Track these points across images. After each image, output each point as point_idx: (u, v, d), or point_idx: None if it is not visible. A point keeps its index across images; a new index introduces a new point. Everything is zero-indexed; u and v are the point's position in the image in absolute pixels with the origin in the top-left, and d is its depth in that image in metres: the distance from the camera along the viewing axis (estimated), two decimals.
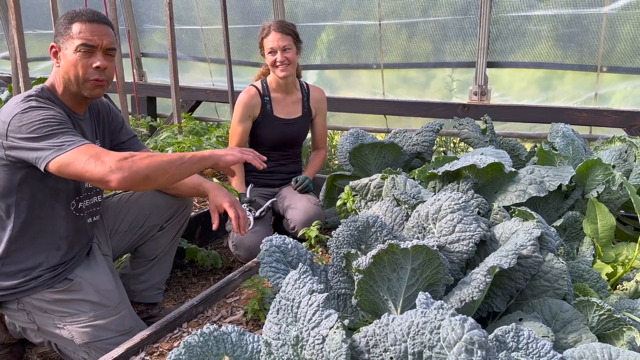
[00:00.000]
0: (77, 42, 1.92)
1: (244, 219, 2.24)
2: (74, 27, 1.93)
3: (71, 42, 1.93)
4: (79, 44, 1.92)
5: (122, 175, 1.70)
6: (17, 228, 1.94)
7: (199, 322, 2.04)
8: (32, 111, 1.80)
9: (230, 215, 2.21)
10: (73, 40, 1.92)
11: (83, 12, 1.96)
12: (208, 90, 5.35)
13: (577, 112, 3.77)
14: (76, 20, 1.93)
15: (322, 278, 1.69)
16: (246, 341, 1.29)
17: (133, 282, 2.42)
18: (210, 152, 1.96)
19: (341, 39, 4.61)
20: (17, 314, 2.03)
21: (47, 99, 1.93)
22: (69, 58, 1.93)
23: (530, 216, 1.68)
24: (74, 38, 1.92)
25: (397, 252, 1.42)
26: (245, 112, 3.00)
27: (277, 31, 2.87)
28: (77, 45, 1.92)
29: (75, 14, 1.96)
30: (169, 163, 1.81)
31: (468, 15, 3.99)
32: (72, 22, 1.93)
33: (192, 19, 5.29)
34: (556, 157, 2.44)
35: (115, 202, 2.39)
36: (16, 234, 1.94)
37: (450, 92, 4.32)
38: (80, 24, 1.93)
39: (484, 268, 1.44)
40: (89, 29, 1.93)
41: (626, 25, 3.52)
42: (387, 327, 1.08)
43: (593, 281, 1.77)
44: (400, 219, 1.89)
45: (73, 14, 1.96)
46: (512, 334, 1.17)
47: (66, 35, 1.93)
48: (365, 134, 3.09)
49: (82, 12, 1.97)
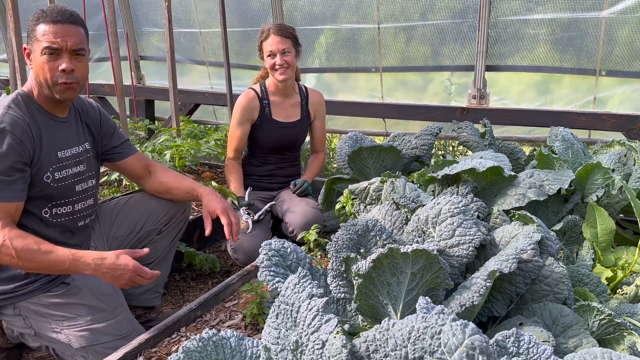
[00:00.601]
0: (42, 44, 1.87)
1: (236, 226, 2.23)
2: (39, 28, 1.87)
3: (38, 45, 1.88)
4: (44, 46, 1.87)
5: None
6: None
7: (197, 326, 2.03)
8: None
9: (222, 221, 2.20)
10: (39, 42, 1.88)
11: (48, 12, 1.89)
12: (206, 93, 5.34)
13: (576, 115, 3.77)
14: (41, 21, 1.88)
15: (322, 282, 1.68)
16: (245, 346, 1.29)
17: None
18: (93, 268, 1.86)
19: (340, 43, 4.61)
20: (13, 319, 2.01)
21: (24, 106, 1.92)
22: (37, 61, 1.90)
23: (530, 220, 1.68)
24: (40, 40, 1.87)
25: (397, 256, 1.41)
26: (243, 115, 3.00)
27: (277, 34, 2.86)
28: (42, 48, 1.87)
29: (41, 13, 1.90)
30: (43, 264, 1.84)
31: (466, 19, 3.99)
32: (37, 22, 1.88)
33: (190, 22, 5.29)
34: (555, 161, 2.44)
35: (112, 206, 2.38)
36: None
37: (449, 96, 4.32)
38: (44, 25, 1.87)
39: (484, 272, 1.44)
40: (52, 31, 1.87)
41: (624, 29, 3.52)
42: (387, 332, 1.07)
43: (593, 285, 1.77)
44: (399, 223, 1.88)
45: (40, 14, 1.90)
46: (512, 339, 1.17)
47: (33, 36, 1.89)
48: (364, 137, 3.09)
49: (47, 11, 1.90)
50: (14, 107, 1.90)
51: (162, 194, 2.39)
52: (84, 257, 1.85)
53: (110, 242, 2.32)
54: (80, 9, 5.06)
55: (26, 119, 1.90)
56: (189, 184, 2.35)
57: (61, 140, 2.03)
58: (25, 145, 1.87)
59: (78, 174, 2.08)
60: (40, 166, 1.94)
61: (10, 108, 1.89)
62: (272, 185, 3.15)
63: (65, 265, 1.84)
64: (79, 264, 1.85)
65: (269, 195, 3.11)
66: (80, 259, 1.85)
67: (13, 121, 1.86)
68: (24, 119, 1.89)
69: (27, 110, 1.93)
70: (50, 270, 1.88)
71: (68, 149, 2.05)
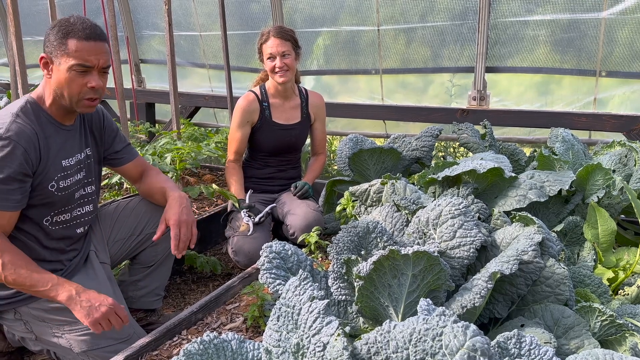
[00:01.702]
0: (72, 61, 1.84)
1: (183, 243, 2.08)
2: (70, 43, 1.84)
3: (66, 59, 1.85)
4: (75, 63, 1.85)
5: None
6: None
7: (198, 329, 2.03)
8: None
9: (171, 233, 2.07)
10: (68, 58, 1.84)
11: (79, 27, 1.86)
12: (207, 96, 5.34)
13: (576, 116, 3.77)
14: (72, 36, 1.84)
15: (323, 284, 1.68)
16: (246, 349, 1.29)
17: (131, 288, 2.40)
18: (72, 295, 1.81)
19: (340, 45, 4.62)
20: (14, 324, 2.02)
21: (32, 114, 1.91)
22: (62, 75, 1.87)
23: (531, 221, 1.68)
24: (70, 56, 1.84)
25: (398, 258, 1.41)
26: (243, 118, 3.00)
27: (277, 37, 2.86)
28: (73, 64, 1.85)
29: (70, 27, 1.85)
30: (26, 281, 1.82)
31: (466, 21, 3.99)
32: (67, 36, 1.84)
33: (190, 25, 5.29)
34: (556, 162, 2.44)
35: (113, 209, 2.38)
36: None
37: (449, 97, 4.32)
38: (76, 42, 1.84)
39: (486, 274, 1.44)
40: (86, 48, 1.85)
41: (624, 29, 3.52)
42: (388, 334, 1.07)
43: (594, 286, 1.77)
44: (400, 225, 1.88)
45: (68, 27, 1.85)
46: (514, 340, 1.16)
47: (60, 50, 1.85)
48: (365, 139, 3.09)
49: (77, 25, 1.86)
50: (21, 115, 1.89)
51: (148, 197, 2.38)
52: (68, 282, 1.84)
53: (111, 245, 2.32)
54: (81, 12, 5.07)
55: (34, 128, 1.89)
56: (164, 188, 2.26)
57: (66, 148, 2.03)
58: (29, 156, 1.85)
59: (78, 181, 2.08)
60: (45, 175, 1.93)
61: (18, 116, 1.87)
62: (273, 188, 3.15)
63: (47, 285, 1.81)
64: (60, 288, 1.82)
65: (270, 198, 3.11)
66: (64, 283, 1.83)
67: (20, 130, 1.84)
68: (31, 128, 1.88)
69: (35, 119, 1.91)
70: (31, 289, 1.84)
71: (72, 157, 2.05)
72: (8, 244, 1.86)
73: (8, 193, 1.84)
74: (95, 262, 2.18)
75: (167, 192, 2.22)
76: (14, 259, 1.82)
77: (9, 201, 1.84)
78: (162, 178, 2.34)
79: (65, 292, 1.81)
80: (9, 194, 1.84)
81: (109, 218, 2.35)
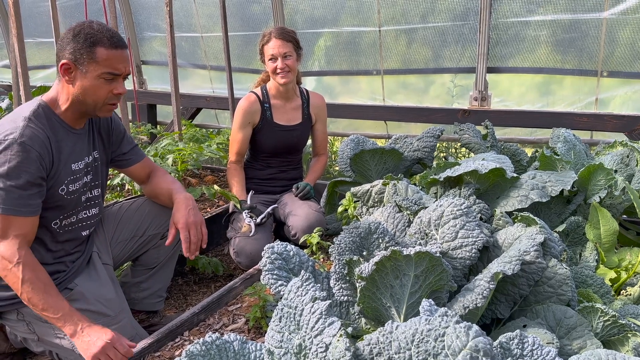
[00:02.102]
0: (102, 69, 1.89)
1: (194, 244, 2.10)
2: (99, 51, 1.88)
3: (94, 67, 1.88)
4: (105, 71, 1.90)
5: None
6: None
7: (200, 330, 2.03)
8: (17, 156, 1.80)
9: (180, 236, 2.09)
10: (97, 65, 1.88)
11: (105, 35, 1.89)
12: (208, 97, 5.35)
13: (578, 116, 3.77)
14: (100, 45, 1.88)
15: (324, 285, 1.68)
16: (249, 350, 1.29)
17: (134, 290, 2.41)
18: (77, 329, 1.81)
19: (341, 46, 4.62)
20: (17, 325, 2.02)
21: (44, 118, 1.91)
22: (89, 82, 1.90)
23: (533, 222, 1.67)
24: (99, 64, 1.88)
25: (399, 259, 1.41)
26: (245, 119, 3.00)
27: (278, 38, 2.87)
28: (102, 72, 1.89)
29: (97, 35, 1.88)
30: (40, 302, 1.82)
31: (467, 21, 4.00)
32: (95, 45, 1.87)
33: (192, 27, 5.30)
34: (558, 162, 2.43)
35: (116, 211, 2.38)
36: None
37: (451, 98, 4.32)
38: (105, 50, 1.88)
39: (488, 274, 1.44)
40: (114, 57, 1.90)
41: (626, 29, 3.52)
42: (391, 335, 1.07)
43: (597, 287, 1.77)
44: (402, 225, 1.88)
45: (94, 36, 1.88)
46: (516, 340, 1.16)
47: (88, 57, 1.87)
48: (366, 140, 3.09)
49: (104, 34, 1.89)
50: (34, 119, 1.89)
51: (153, 198, 2.39)
52: (77, 315, 1.84)
53: (114, 246, 2.32)
54: (82, 14, 5.09)
55: (46, 132, 1.89)
56: (171, 190, 2.27)
57: (76, 152, 2.03)
58: (43, 160, 1.86)
59: (85, 184, 2.09)
60: (57, 179, 1.94)
61: (30, 120, 1.87)
62: (275, 189, 3.15)
63: (57, 314, 1.81)
64: (68, 320, 1.82)
65: (272, 199, 3.11)
66: (72, 316, 1.83)
67: (33, 135, 1.85)
68: (44, 133, 1.89)
69: (47, 123, 1.92)
70: (42, 312, 1.83)
71: (81, 161, 2.06)
72: (32, 259, 1.85)
73: (29, 198, 1.85)
74: (98, 264, 2.18)
75: (173, 195, 2.22)
76: (34, 278, 1.82)
77: (30, 207, 1.86)
78: (168, 179, 2.34)
79: (71, 326, 1.82)
80: (30, 199, 1.85)
81: (112, 219, 2.35)
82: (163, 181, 2.33)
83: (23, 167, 1.81)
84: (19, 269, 1.80)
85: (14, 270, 1.81)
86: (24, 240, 1.85)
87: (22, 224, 1.85)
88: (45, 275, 1.86)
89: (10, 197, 1.81)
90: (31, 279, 1.81)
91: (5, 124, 1.87)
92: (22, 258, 1.81)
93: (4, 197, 1.80)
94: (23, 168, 1.81)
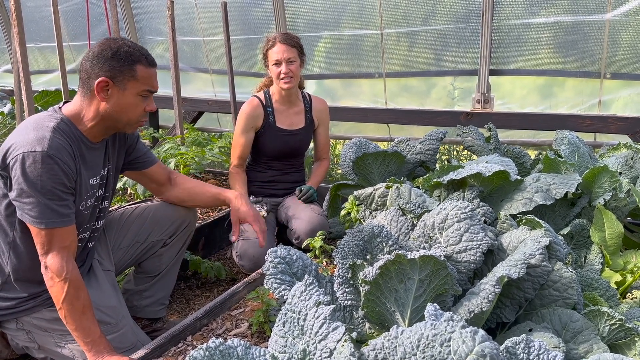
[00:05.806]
0: (142, 86, 1.92)
1: (264, 233, 2.27)
2: (139, 70, 1.91)
3: (135, 85, 1.91)
4: (146, 89, 1.93)
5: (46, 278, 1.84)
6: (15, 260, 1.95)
7: (203, 335, 2.02)
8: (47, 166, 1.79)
9: (254, 228, 2.26)
10: (138, 83, 1.91)
11: (143, 53, 1.94)
12: (210, 101, 5.35)
13: (581, 119, 3.76)
14: (139, 63, 1.91)
15: (328, 289, 1.67)
16: (252, 355, 1.28)
17: (137, 298, 2.39)
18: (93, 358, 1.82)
19: (342, 49, 4.62)
20: (17, 334, 2.01)
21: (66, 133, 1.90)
22: (127, 99, 1.92)
23: (538, 224, 1.66)
24: (138, 81, 1.91)
25: (404, 263, 1.40)
26: (247, 123, 3.00)
27: (283, 43, 2.87)
28: (143, 89, 1.93)
29: (135, 54, 1.91)
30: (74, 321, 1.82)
31: (469, 24, 3.99)
32: (135, 63, 1.90)
33: (193, 31, 5.31)
34: (562, 165, 2.42)
35: (118, 216, 2.37)
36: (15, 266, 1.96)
37: (453, 101, 4.32)
38: (145, 68, 1.92)
39: (493, 278, 1.42)
40: (152, 75, 1.95)
41: (628, 31, 3.51)
42: (396, 340, 1.06)
43: (602, 290, 1.75)
44: (405, 229, 1.87)
45: (134, 55, 1.91)
46: (522, 345, 1.15)
47: (128, 75, 1.89)
48: (368, 143, 3.08)
49: (141, 52, 1.94)
50: (58, 133, 1.87)
51: (185, 201, 2.39)
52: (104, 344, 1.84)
53: (115, 251, 2.31)
54: (84, 19, 5.09)
55: (70, 147, 1.89)
56: (214, 190, 2.39)
57: (93, 167, 2.03)
58: (71, 172, 1.87)
59: (97, 197, 2.09)
60: (78, 196, 1.94)
61: (56, 131, 1.86)
62: (277, 192, 3.14)
63: (87, 338, 1.83)
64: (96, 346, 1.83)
65: (275, 202, 3.11)
66: (101, 343, 1.84)
67: (61, 147, 1.84)
68: (69, 147, 1.88)
69: (70, 138, 1.91)
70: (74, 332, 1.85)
71: (97, 176, 2.06)
72: (78, 277, 1.86)
73: (67, 208, 1.85)
74: (98, 271, 2.17)
75: (222, 194, 2.36)
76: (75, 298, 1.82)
77: (68, 216, 1.86)
78: (198, 181, 2.48)
79: (95, 354, 1.82)
80: (67, 208, 1.86)
81: (114, 224, 2.34)
82: (196, 183, 2.43)
83: (57, 178, 1.81)
84: (65, 285, 1.81)
85: (60, 284, 1.81)
86: (69, 252, 1.86)
87: (64, 235, 1.85)
88: (85, 295, 1.86)
89: (47, 210, 1.80)
90: (72, 298, 1.82)
91: (30, 133, 1.83)
92: (70, 274, 1.82)
93: (43, 211, 1.79)
94: (57, 178, 1.81)
